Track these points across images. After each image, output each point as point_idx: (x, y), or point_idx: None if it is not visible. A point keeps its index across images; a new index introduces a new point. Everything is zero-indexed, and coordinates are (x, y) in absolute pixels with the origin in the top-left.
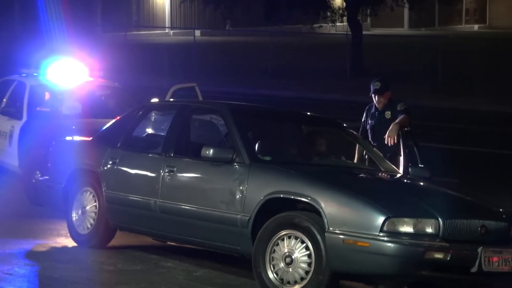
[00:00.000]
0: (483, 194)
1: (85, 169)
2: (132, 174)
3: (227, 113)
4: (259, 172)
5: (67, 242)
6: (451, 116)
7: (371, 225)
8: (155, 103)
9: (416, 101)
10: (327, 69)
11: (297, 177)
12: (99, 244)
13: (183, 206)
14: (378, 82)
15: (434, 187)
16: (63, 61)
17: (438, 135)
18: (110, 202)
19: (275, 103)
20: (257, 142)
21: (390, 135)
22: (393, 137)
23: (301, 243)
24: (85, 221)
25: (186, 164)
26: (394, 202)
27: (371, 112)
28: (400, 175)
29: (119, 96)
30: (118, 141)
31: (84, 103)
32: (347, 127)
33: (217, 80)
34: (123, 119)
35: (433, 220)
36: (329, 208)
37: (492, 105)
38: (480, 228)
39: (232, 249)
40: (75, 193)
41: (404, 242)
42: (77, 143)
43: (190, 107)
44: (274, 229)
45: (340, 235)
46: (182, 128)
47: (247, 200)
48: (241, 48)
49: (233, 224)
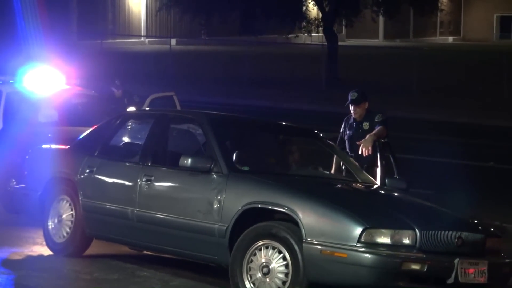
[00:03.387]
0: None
1: (62, 177)
2: (109, 182)
3: (205, 122)
4: (237, 182)
5: (43, 250)
6: (426, 127)
7: (349, 235)
8: (132, 111)
9: (392, 113)
10: (303, 79)
11: (275, 187)
12: (76, 253)
13: (160, 215)
14: (355, 93)
15: (411, 198)
16: (39, 68)
17: (414, 147)
18: (87, 210)
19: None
20: (235, 151)
21: (365, 145)
22: (368, 148)
23: (279, 253)
24: (62, 230)
25: (164, 173)
26: (372, 213)
27: (349, 123)
28: (377, 186)
29: (96, 104)
30: (96, 149)
31: (61, 111)
32: (324, 137)
33: (193, 90)
34: (100, 127)
35: (410, 231)
36: (307, 219)
37: (467, 117)
38: (457, 239)
39: (209, 259)
40: (52, 202)
41: (382, 253)
42: (54, 151)
43: (168, 116)
44: (251, 239)
45: (317, 245)
46: (160, 137)
47: (225, 210)
48: (217, 57)
49: (210, 234)
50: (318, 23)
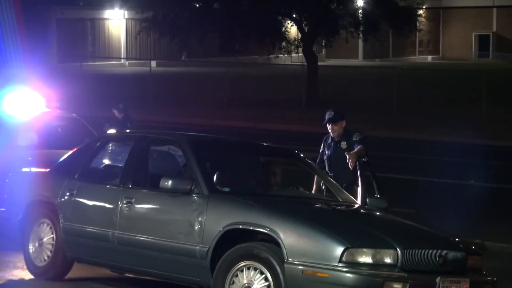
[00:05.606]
0: (440, 223)
1: (42, 200)
2: (89, 205)
3: (185, 144)
4: (218, 203)
5: (24, 274)
6: (406, 146)
7: (330, 255)
8: (112, 134)
9: (372, 132)
10: (284, 99)
11: (256, 208)
12: (57, 277)
13: (141, 238)
14: (332, 112)
15: (392, 217)
16: (19, 91)
17: (394, 166)
18: (68, 233)
19: (232, 134)
20: (215, 173)
21: (352, 157)
22: (354, 161)
23: (260, 274)
24: (42, 253)
25: (144, 195)
26: (353, 232)
27: (328, 142)
28: (358, 205)
29: (76, 127)
30: (76, 172)
31: (41, 134)
32: (304, 157)
33: (173, 111)
34: (80, 150)
35: (392, 251)
36: (288, 239)
37: (447, 136)
38: (438, 258)
39: (191, 281)
40: (32, 225)
41: (363, 273)
42: (34, 174)
43: (148, 138)
44: (233, 260)
45: (299, 266)
46: (140, 159)
47: (206, 231)
48: (197, 78)
49: (192, 256)
50: (298, 44)
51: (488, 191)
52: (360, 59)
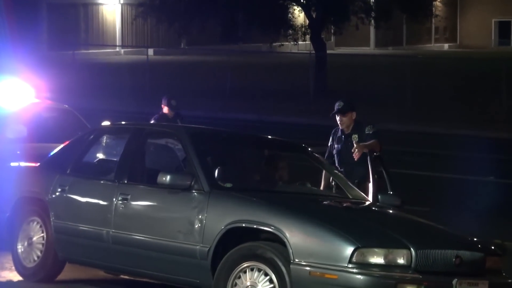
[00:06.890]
0: (457, 222)
1: (32, 197)
2: (82, 202)
3: (185, 137)
4: (220, 200)
5: (12, 276)
6: (420, 140)
7: (339, 256)
8: (107, 126)
9: (384, 125)
10: (290, 90)
11: (260, 205)
12: (47, 278)
13: (137, 237)
14: (341, 102)
15: (406, 216)
16: (8, 81)
17: (408, 161)
18: (59, 232)
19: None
20: (217, 167)
21: (359, 149)
22: (361, 152)
23: (265, 276)
24: (32, 253)
25: (141, 192)
26: (364, 231)
27: (337, 136)
28: (369, 202)
29: (68, 119)
30: (68, 167)
31: (30, 126)
32: (312, 151)
33: None
34: (72, 143)
35: (405, 251)
36: (295, 238)
37: (464, 129)
38: (455, 258)
39: (191, 283)
40: (21, 223)
41: (375, 274)
42: (23, 169)
43: (144, 131)
44: (235, 260)
45: (306, 267)
46: (136, 153)
47: (207, 229)
48: (197, 68)
49: (191, 256)
50: (305, 31)
51: (508, 188)
52: (372, 47)
